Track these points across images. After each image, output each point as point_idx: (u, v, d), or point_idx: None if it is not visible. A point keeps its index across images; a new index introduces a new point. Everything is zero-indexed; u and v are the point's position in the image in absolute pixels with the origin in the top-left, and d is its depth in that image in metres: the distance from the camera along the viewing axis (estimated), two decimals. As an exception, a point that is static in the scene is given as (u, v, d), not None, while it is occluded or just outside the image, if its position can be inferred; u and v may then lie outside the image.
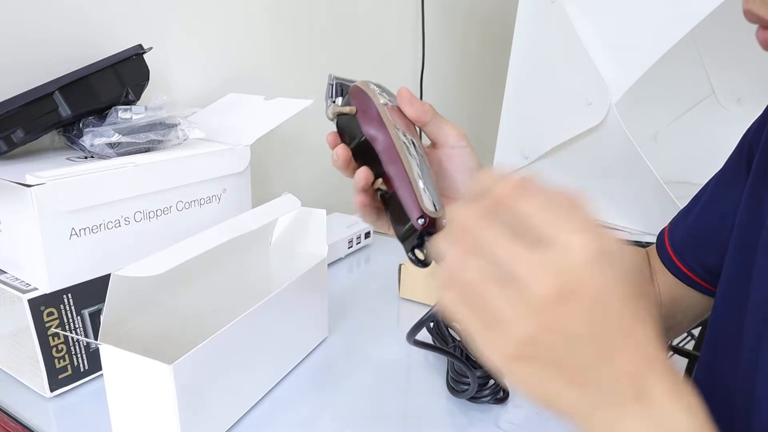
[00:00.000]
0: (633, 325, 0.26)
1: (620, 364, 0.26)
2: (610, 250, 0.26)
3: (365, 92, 0.42)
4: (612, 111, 0.82)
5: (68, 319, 0.52)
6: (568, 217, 0.26)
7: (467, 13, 1.44)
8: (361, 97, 0.42)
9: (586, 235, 0.25)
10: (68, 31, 0.67)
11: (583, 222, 0.26)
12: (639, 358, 0.26)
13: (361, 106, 0.42)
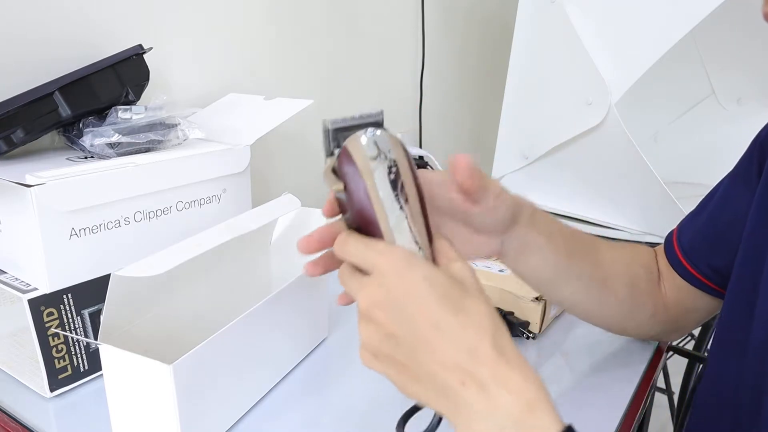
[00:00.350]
0: (441, 317, 0.31)
1: (439, 355, 0.31)
2: (410, 262, 0.33)
3: (353, 161, 0.36)
4: (612, 111, 0.82)
5: (68, 319, 0.52)
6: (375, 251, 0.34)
7: (467, 13, 1.44)
8: (348, 167, 0.36)
9: (386, 257, 0.33)
10: (68, 31, 0.67)
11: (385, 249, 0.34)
12: (454, 349, 0.31)
13: (349, 180, 0.36)
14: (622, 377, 0.58)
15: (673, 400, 1.41)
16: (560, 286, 0.51)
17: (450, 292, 0.32)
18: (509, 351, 0.32)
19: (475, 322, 0.32)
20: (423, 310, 0.32)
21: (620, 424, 0.52)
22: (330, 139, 0.37)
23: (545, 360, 0.62)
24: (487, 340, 0.31)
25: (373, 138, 0.36)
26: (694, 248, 0.54)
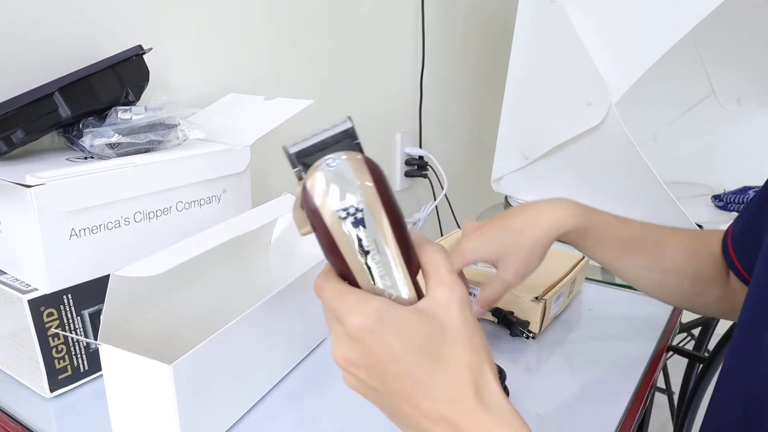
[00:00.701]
0: (419, 374, 0.31)
1: (423, 409, 0.31)
2: (381, 320, 0.31)
3: (314, 203, 0.32)
4: (612, 111, 0.82)
5: (68, 320, 0.52)
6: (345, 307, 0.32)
7: (467, 13, 1.44)
8: (310, 209, 0.32)
9: (355, 316, 0.32)
10: (68, 31, 0.67)
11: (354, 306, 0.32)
12: (437, 403, 0.31)
13: (314, 224, 0.33)
14: (622, 377, 0.58)
15: (673, 400, 1.41)
16: (614, 272, 0.61)
17: (426, 345, 0.31)
18: (492, 398, 0.31)
19: (455, 373, 0.31)
20: (400, 369, 0.31)
21: (620, 424, 0.52)
22: (296, 163, 0.33)
23: (545, 360, 0.62)
24: (469, 391, 0.31)
25: (333, 170, 0.32)
26: (740, 240, 0.54)
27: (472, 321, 0.33)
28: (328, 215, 0.32)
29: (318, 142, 0.33)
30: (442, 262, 0.33)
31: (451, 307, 0.32)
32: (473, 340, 0.32)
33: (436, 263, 0.33)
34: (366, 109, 1.19)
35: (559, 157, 0.95)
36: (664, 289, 0.59)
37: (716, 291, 0.57)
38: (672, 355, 1.30)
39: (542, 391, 0.57)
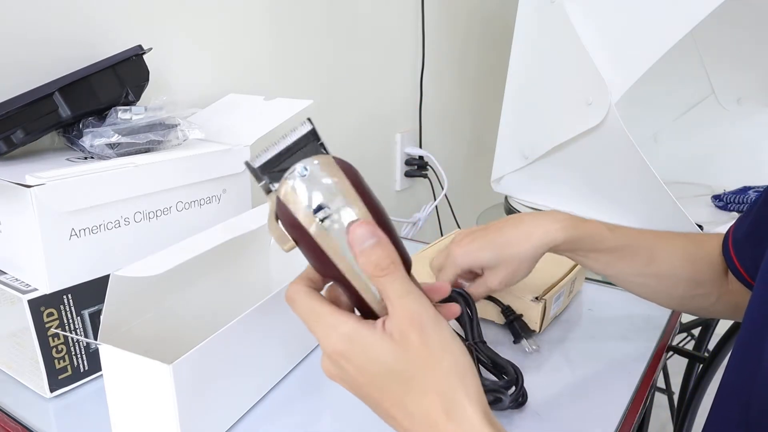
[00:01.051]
0: (391, 402, 0.32)
1: (405, 426, 0.32)
2: (347, 347, 0.32)
3: (295, 218, 0.31)
4: (612, 111, 0.82)
5: (68, 320, 0.52)
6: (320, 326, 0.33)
7: (467, 13, 1.44)
8: (291, 223, 0.31)
9: (325, 342, 0.33)
10: (68, 31, 0.67)
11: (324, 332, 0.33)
12: (414, 425, 0.32)
13: (295, 234, 0.32)
14: (622, 377, 0.58)
15: (673, 400, 1.41)
16: (612, 280, 0.61)
17: (396, 371, 0.31)
18: (465, 423, 0.31)
19: (425, 400, 0.31)
20: (376, 391, 0.33)
21: (620, 424, 0.52)
22: (261, 178, 0.32)
23: (545, 360, 0.62)
24: (441, 417, 0.31)
25: (306, 177, 0.31)
26: (743, 243, 0.54)
27: (438, 344, 0.32)
28: (310, 224, 0.31)
29: (282, 150, 0.32)
30: (391, 286, 0.32)
31: (411, 336, 0.31)
32: (441, 365, 0.31)
33: (385, 288, 0.32)
34: (366, 109, 1.19)
35: (559, 157, 0.95)
36: (660, 294, 0.60)
37: (714, 293, 0.57)
38: (672, 355, 1.30)
39: (542, 391, 0.57)
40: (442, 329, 0.32)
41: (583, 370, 0.60)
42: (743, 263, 0.53)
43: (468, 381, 0.32)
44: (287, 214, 0.31)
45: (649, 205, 0.88)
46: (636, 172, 0.84)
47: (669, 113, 1.21)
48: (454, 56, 1.43)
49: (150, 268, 0.43)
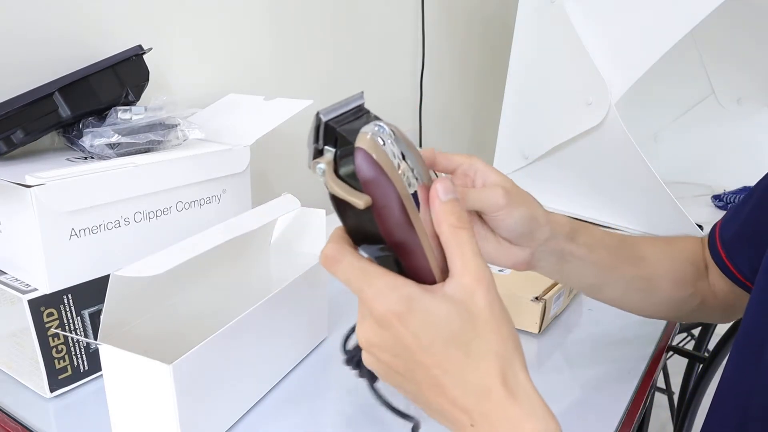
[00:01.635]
0: (448, 364, 0.30)
1: (449, 397, 0.31)
2: (409, 307, 0.30)
3: (384, 173, 0.29)
4: (612, 111, 0.82)
5: (68, 320, 0.52)
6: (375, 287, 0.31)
7: (467, 13, 1.44)
8: (376, 181, 0.29)
9: (380, 302, 0.31)
10: (68, 31, 0.67)
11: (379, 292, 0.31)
12: (464, 392, 0.31)
13: (379, 197, 0.30)
14: (622, 377, 0.58)
15: (673, 400, 1.41)
16: (602, 289, 0.54)
17: (455, 336, 0.30)
18: (521, 390, 0.31)
19: (483, 365, 0.30)
20: (428, 359, 0.31)
21: (620, 424, 0.52)
22: (321, 136, 0.30)
23: (545, 360, 0.62)
24: (497, 382, 0.30)
25: (385, 133, 0.30)
26: (734, 243, 0.53)
27: (499, 309, 0.31)
28: (396, 177, 0.29)
29: (344, 112, 0.31)
30: (468, 242, 0.31)
31: (477, 295, 0.31)
32: (501, 330, 0.31)
33: (461, 242, 0.31)
34: (366, 109, 1.18)
35: (559, 157, 0.95)
36: (651, 299, 0.56)
37: (698, 296, 0.56)
38: (672, 355, 1.30)
39: (542, 391, 0.56)
40: (499, 297, 0.32)
41: (583, 370, 0.60)
42: (736, 263, 0.53)
43: (520, 351, 0.32)
44: (370, 166, 0.29)
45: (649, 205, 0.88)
46: (636, 172, 0.84)
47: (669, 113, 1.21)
48: (454, 56, 1.43)
49: (150, 268, 0.43)
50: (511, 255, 0.46)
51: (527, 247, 0.46)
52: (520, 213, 0.44)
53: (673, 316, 0.59)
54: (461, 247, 0.31)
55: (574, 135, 0.89)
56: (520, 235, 0.45)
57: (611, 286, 0.54)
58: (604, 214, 0.95)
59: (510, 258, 0.46)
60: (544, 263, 0.48)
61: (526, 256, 0.46)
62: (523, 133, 1.03)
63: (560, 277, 0.52)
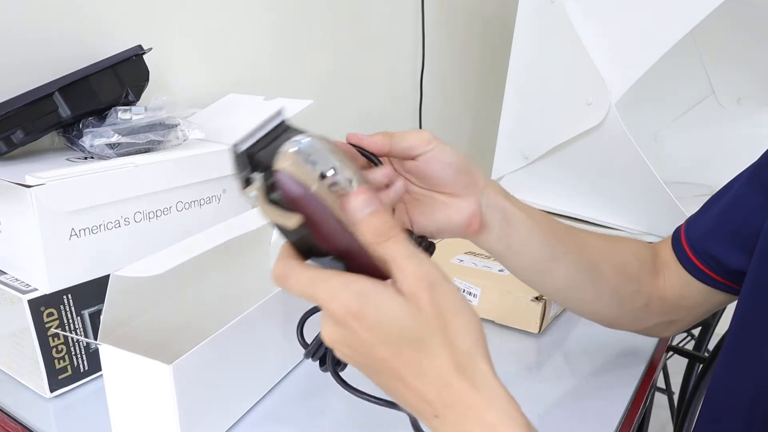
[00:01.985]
0: (403, 361, 0.31)
1: (411, 390, 0.32)
2: (361, 304, 0.31)
3: (307, 189, 0.30)
4: (612, 111, 0.82)
5: (68, 320, 0.52)
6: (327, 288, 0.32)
7: (467, 13, 1.44)
8: (301, 198, 0.30)
9: (339, 301, 0.31)
10: (68, 31, 0.67)
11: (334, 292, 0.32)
12: (424, 386, 0.31)
13: (309, 213, 0.30)
14: (622, 377, 0.58)
15: (673, 400, 1.41)
16: (552, 268, 0.51)
17: (409, 330, 0.31)
18: (482, 379, 0.31)
19: (440, 358, 0.31)
20: (386, 352, 0.31)
21: (620, 424, 0.52)
22: (244, 165, 0.31)
23: (545, 360, 0.62)
24: (455, 373, 0.31)
25: (304, 148, 0.30)
26: (703, 243, 0.53)
27: (451, 303, 0.32)
28: (319, 191, 0.30)
29: (264, 135, 0.32)
30: (397, 251, 0.32)
31: (421, 295, 0.31)
32: (453, 324, 0.31)
33: (391, 254, 0.32)
34: (366, 109, 1.19)
35: (559, 157, 0.95)
36: (597, 289, 0.53)
37: (643, 293, 0.55)
38: (672, 355, 1.30)
39: (542, 390, 0.57)
40: (452, 289, 0.32)
41: (583, 370, 0.60)
42: (706, 261, 0.53)
43: (480, 341, 0.32)
44: (293, 185, 0.30)
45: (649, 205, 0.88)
46: (636, 172, 0.84)
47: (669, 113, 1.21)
48: (454, 56, 1.43)
49: (150, 268, 0.43)
50: (462, 209, 0.45)
51: (471, 196, 0.46)
52: (450, 151, 0.44)
53: (617, 317, 0.57)
54: (393, 258, 0.32)
55: (574, 135, 0.89)
56: (459, 170, 0.44)
57: (559, 263, 0.51)
58: (604, 214, 0.95)
59: (462, 213, 0.45)
60: (493, 222, 0.47)
61: (475, 208, 0.46)
62: (523, 133, 1.03)
63: (509, 250, 0.49)
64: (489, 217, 0.47)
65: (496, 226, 0.47)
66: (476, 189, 0.46)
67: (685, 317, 0.57)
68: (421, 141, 0.43)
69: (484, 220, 0.47)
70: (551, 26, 0.94)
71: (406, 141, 0.43)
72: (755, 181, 0.52)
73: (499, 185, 0.48)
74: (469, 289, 0.69)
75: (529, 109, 1.02)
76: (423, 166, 0.44)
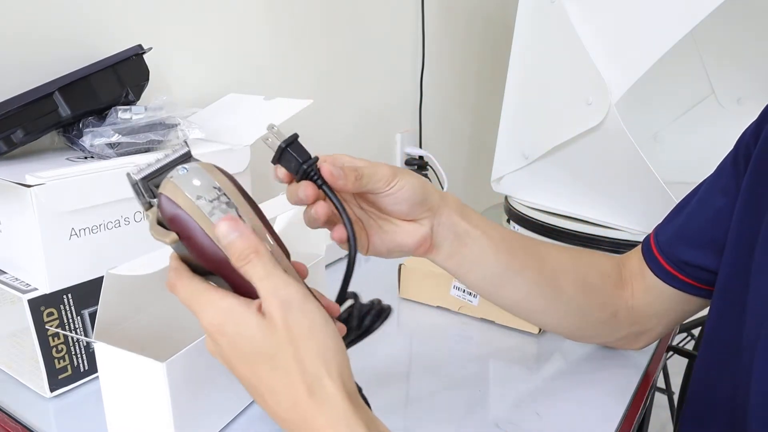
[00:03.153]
0: (258, 380, 0.34)
1: (273, 406, 0.34)
2: (221, 327, 0.34)
3: (177, 206, 0.33)
4: (612, 111, 0.82)
5: (68, 320, 0.52)
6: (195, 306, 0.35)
7: (467, 13, 1.44)
8: (174, 214, 0.33)
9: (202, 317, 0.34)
10: (68, 31, 0.67)
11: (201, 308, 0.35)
12: (280, 405, 0.33)
13: (182, 231, 0.34)
14: (621, 377, 0.58)
15: (673, 400, 1.41)
16: (505, 283, 0.51)
17: (264, 350, 0.33)
18: (327, 399, 0.32)
19: (289, 378, 0.33)
20: (246, 368, 0.34)
21: (620, 424, 0.52)
22: (141, 192, 0.35)
23: (545, 360, 0.62)
24: (304, 394, 0.32)
25: (186, 174, 0.34)
26: (673, 247, 0.53)
27: (304, 325, 0.33)
28: (193, 211, 0.33)
29: (161, 166, 0.35)
30: (256, 271, 0.34)
31: (275, 314, 0.33)
32: (304, 345, 0.33)
33: (251, 274, 0.34)
34: (366, 109, 1.19)
35: (559, 157, 0.95)
36: (555, 303, 0.53)
37: (608, 306, 0.55)
38: (672, 355, 1.30)
39: (542, 391, 0.57)
40: (310, 310, 0.34)
41: (583, 370, 0.60)
42: (677, 265, 0.53)
43: (331, 363, 0.33)
44: (170, 206, 0.33)
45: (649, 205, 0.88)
46: (636, 172, 0.84)
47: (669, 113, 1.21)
48: (454, 56, 1.43)
49: (145, 267, 0.43)
50: (413, 233, 0.47)
51: (425, 219, 0.47)
52: (410, 180, 0.45)
53: (579, 329, 0.57)
54: (252, 279, 0.34)
55: (574, 135, 0.89)
56: (414, 203, 0.46)
57: (512, 279, 0.51)
58: (605, 214, 0.95)
59: (412, 237, 0.47)
60: (443, 242, 0.48)
61: (426, 231, 0.47)
62: (523, 133, 1.03)
63: (461, 267, 0.50)
64: (440, 237, 0.48)
65: (446, 246, 0.49)
66: (430, 214, 0.47)
67: (655, 326, 0.57)
68: (383, 182, 0.44)
69: (434, 240, 0.48)
70: (551, 26, 0.94)
71: (371, 183, 0.44)
72: (717, 183, 0.53)
73: (457, 202, 0.49)
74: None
75: (529, 109, 1.02)
76: (380, 201, 0.46)
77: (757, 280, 0.43)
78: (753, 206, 0.46)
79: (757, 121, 0.48)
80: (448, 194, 0.49)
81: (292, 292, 0.33)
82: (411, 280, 0.73)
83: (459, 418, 0.52)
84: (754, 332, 0.42)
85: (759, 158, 0.46)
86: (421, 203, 0.46)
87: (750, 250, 0.44)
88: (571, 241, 0.95)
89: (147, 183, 0.35)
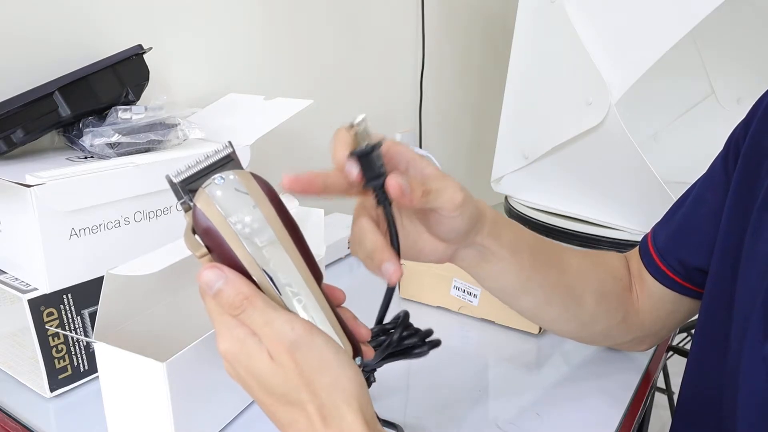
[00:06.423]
0: (274, 410, 0.34)
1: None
2: (235, 359, 0.33)
3: (212, 225, 0.32)
4: (612, 111, 0.82)
5: (68, 320, 0.52)
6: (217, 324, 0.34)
7: (467, 13, 1.44)
8: (205, 228, 0.32)
9: (220, 343, 0.34)
10: (68, 31, 0.67)
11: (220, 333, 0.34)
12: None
13: (212, 247, 0.33)
14: (621, 377, 0.58)
15: (673, 400, 1.41)
16: (521, 296, 0.51)
17: (273, 386, 0.33)
18: (347, 425, 0.32)
19: (304, 413, 0.33)
20: (258, 398, 0.34)
21: (620, 424, 0.52)
22: (181, 194, 0.33)
23: (545, 360, 0.62)
24: (320, 424, 0.32)
25: (221, 186, 0.32)
26: (669, 247, 0.53)
27: (316, 362, 0.32)
28: (223, 229, 0.32)
29: (202, 168, 0.33)
30: (253, 320, 0.33)
31: (282, 356, 0.32)
32: (317, 382, 0.32)
33: (248, 324, 0.33)
34: (366, 109, 1.18)
35: (559, 157, 0.95)
36: (565, 312, 0.53)
37: (620, 310, 0.55)
38: (672, 355, 1.30)
39: (542, 391, 0.57)
40: (316, 346, 0.33)
41: (583, 370, 0.60)
42: (673, 267, 0.53)
43: (348, 392, 0.33)
44: (203, 219, 0.32)
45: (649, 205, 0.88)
46: (636, 172, 0.84)
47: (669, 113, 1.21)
48: (454, 56, 1.43)
49: (145, 267, 0.43)
50: (437, 251, 0.44)
51: (454, 245, 0.45)
52: (471, 211, 0.41)
53: (590, 334, 0.56)
54: (253, 327, 0.33)
55: (574, 135, 0.89)
56: (460, 234, 0.43)
57: (530, 292, 0.50)
58: (605, 214, 0.95)
59: (435, 255, 0.45)
60: (465, 257, 0.46)
61: (452, 252, 0.45)
62: (523, 133, 1.03)
63: (478, 277, 0.49)
64: (462, 253, 0.46)
65: (467, 260, 0.47)
66: (464, 243, 0.45)
67: (659, 330, 0.57)
68: (448, 207, 0.40)
69: (456, 255, 0.46)
70: (551, 26, 0.94)
71: (436, 203, 0.39)
72: (709, 182, 0.52)
73: (493, 222, 0.45)
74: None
75: (529, 109, 1.02)
76: (433, 220, 0.42)
77: (744, 275, 0.43)
78: (741, 203, 0.46)
79: (745, 120, 0.48)
80: (487, 213, 0.45)
81: (297, 332, 0.32)
82: (411, 280, 0.73)
83: (459, 418, 0.52)
84: (740, 328, 0.42)
85: (747, 156, 0.46)
86: (465, 235, 0.43)
87: (738, 247, 0.44)
88: (571, 241, 0.95)
89: (186, 186, 0.33)
